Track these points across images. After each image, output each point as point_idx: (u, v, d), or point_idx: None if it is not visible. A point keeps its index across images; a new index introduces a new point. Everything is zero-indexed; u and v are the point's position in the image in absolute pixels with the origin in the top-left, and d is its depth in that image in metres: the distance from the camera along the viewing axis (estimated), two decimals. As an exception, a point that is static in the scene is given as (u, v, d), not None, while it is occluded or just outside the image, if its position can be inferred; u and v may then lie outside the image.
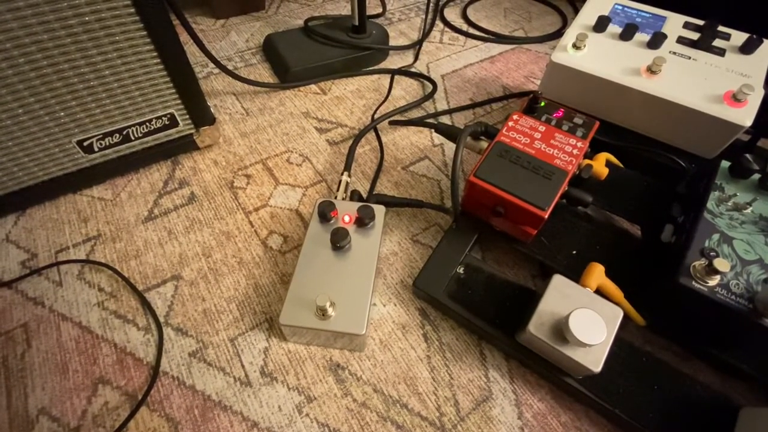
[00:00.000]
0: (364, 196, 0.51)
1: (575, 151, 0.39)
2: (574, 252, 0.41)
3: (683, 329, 0.37)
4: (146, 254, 0.46)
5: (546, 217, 0.36)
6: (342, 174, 0.50)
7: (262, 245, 0.47)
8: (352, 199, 0.47)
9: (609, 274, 0.37)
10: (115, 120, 0.47)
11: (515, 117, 0.42)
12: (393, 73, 0.69)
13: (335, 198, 0.47)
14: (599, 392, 0.35)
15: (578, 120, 0.43)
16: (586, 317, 0.31)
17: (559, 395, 0.38)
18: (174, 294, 0.43)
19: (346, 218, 0.43)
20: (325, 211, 0.42)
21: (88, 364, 0.38)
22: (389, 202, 0.48)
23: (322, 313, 0.36)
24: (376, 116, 0.61)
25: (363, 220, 0.42)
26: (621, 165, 0.47)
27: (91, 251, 0.46)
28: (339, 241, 0.40)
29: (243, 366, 0.39)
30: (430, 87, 0.67)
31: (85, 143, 0.47)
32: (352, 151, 0.53)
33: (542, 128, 0.41)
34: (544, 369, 0.36)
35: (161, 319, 0.41)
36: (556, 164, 0.38)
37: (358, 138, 0.56)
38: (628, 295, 0.37)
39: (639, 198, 0.45)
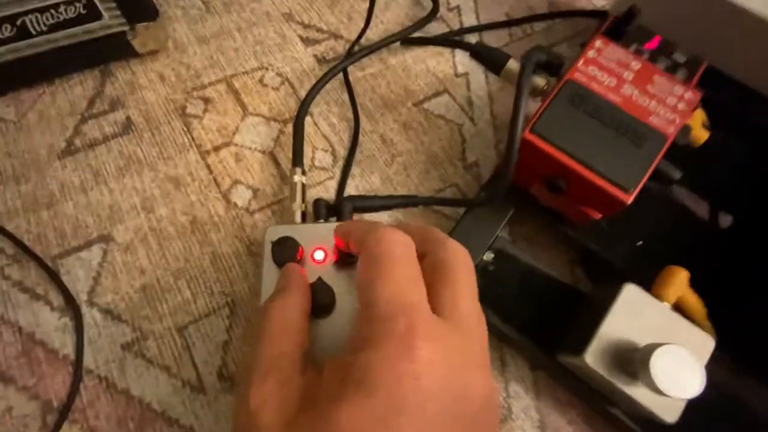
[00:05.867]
0: (332, 202, 0.33)
1: (681, 105, 0.27)
2: (640, 243, 0.31)
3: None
4: (63, 203, 0.34)
5: (630, 202, 0.25)
6: (293, 170, 0.33)
7: (223, 199, 0.35)
8: (317, 214, 0.31)
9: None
10: (-3, 1, 0.31)
11: (599, 44, 0.28)
12: (408, -34, 0.51)
13: (294, 212, 0.31)
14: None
15: (679, 56, 0.30)
16: (675, 358, 0.22)
17: (593, 417, 0.31)
18: (102, 262, 0.32)
19: (319, 255, 0.25)
20: (285, 255, 0.24)
21: (-17, 354, 0.29)
22: (371, 207, 0.33)
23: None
24: (368, 32, 0.45)
25: (349, 256, 0.24)
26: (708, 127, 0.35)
27: (-16, 195, 0.33)
28: (321, 309, 0.22)
29: (195, 365, 0.30)
30: (456, -9, 0.50)
31: (-45, 34, 0.32)
32: (299, 128, 0.35)
33: (636, 65, 0.28)
34: (584, 394, 0.28)
35: (83, 297, 0.31)
36: (651, 123, 0.26)
37: (314, 90, 0.37)
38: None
39: (732, 176, 0.34)
